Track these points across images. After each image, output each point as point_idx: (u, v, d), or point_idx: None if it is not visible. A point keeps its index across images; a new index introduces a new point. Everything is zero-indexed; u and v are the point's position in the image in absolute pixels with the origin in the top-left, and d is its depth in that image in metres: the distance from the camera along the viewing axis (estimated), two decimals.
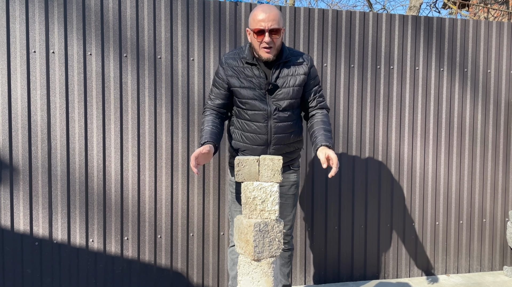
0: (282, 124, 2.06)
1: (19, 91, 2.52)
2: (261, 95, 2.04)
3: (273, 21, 1.92)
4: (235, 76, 2.05)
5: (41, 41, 2.53)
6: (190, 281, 2.78)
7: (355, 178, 2.97)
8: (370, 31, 2.95)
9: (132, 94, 2.65)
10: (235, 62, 2.07)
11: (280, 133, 2.07)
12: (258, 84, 2.03)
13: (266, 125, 2.05)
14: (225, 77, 2.07)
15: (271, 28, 1.92)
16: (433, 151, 3.08)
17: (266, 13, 1.92)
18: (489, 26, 3.14)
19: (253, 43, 2.01)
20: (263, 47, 1.96)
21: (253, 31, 1.96)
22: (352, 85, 2.94)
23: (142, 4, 2.64)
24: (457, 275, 3.16)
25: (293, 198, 2.24)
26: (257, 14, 1.93)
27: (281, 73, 2.04)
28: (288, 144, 2.12)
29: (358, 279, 3.02)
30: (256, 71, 2.04)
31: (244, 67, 2.05)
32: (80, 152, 2.60)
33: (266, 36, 1.92)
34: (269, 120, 2.05)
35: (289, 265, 2.40)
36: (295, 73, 2.06)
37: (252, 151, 2.10)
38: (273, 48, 1.97)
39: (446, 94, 3.08)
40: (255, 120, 2.06)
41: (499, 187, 3.20)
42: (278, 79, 2.04)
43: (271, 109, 2.04)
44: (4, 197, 2.53)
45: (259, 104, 2.04)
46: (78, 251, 2.63)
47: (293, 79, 2.05)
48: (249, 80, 2.04)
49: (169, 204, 2.73)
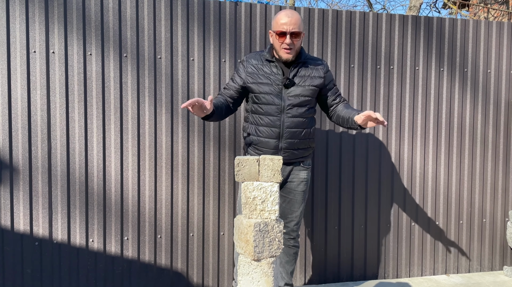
0: (294, 119, 2.19)
1: (19, 91, 2.52)
2: (277, 91, 2.18)
3: (294, 25, 2.09)
4: (254, 72, 2.20)
5: (41, 41, 2.53)
6: (190, 281, 2.78)
7: (355, 178, 2.97)
8: (370, 31, 2.95)
9: (132, 94, 2.65)
10: (255, 60, 2.22)
11: (292, 127, 2.19)
12: (275, 80, 2.18)
13: (279, 118, 2.18)
14: (244, 73, 2.22)
15: (292, 31, 2.08)
16: (433, 151, 3.08)
17: (289, 17, 2.09)
18: (489, 26, 3.14)
19: (275, 44, 2.16)
20: (284, 47, 2.11)
21: (275, 33, 2.12)
22: (352, 85, 2.94)
23: (142, 4, 2.64)
24: (457, 275, 3.16)
25: (302, 195, 2.33)
26: (281, 18, 2.11)
27: (298, 72, 2.20)
28: (300, 139, 2.23)
29: (358, 279, 3.03)
30: (274, 68, 2.19)
31: (264, 64, 2.20)
32: (80, 152, 2.60)
33: (287, 38, 2.08)
34: (282, 114, 2.18)
35: (293, 263, 2.44)
36: (312, 74, 2.22)
37: (265, 144, 2.21)
38: (293, 50, 2.13)
39: (446, 94, 3.08)
40: (268, 113, 2.19)
41: (499, 187, 3.20)
42: (295, 77, 2.19)
43: (285, 104, 2.18)
44: (4, 197, 2.53)
45: (274, 98, 2.17)
46: (78, 251, 2.63)
47: (310, 80, 2.21)
48: (267, 77, 2.18)
49: (169, 204, 2.73)
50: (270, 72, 2.18)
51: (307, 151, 2.29)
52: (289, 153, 2.21)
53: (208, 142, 2.75)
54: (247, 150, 2.32)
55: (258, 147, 2.24)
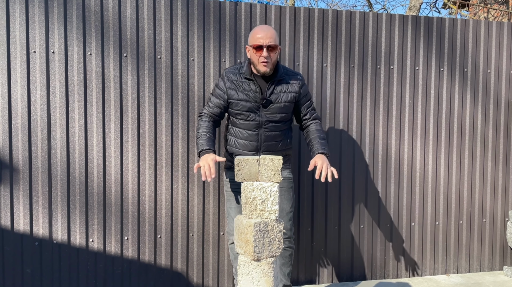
0: (271, 133, 2.30)
1: (19, 91, 2.52)
2: (255, 108, 2.26)
3: (270, 38, 2.16)
4: (233, 89, 2.26)
5: (41, 41, 2.53)
6: (190, 281, 2.78)
7: (355, 178, 2.97)
8: (370, 31, 2.95)
9: (132, 94, 2.65)
10: (234, 76, 2.28)
11: (269, 141, 2.30)
12: (253, 97, 2.25)
13: (257, 133, 2.28)
14: (225, 89, 2.27)
15: (268, 45, 2.15)
16: (433, 151, 3.08)
17: (265, 32, 2.16)
18: (489, 26, 3.14)
19: (252, 59, 2.23)
20: (261, 61, 2.18)
21: (252, 47, 2.19)
22: (352, 85, 2.94)
23: (142, 4, 2.64)
24: (457, 275, 3.16)
25: (289, 192, 2.39)
26: (257, 32, 2.18)
27: (275, 89, 2.27)
28: (276, 151, 2.33)
29: (358, 279, 3.03)
30: (252, 85, 2.25)
31: (242, 81, 2.26)
32: (80, 152, 2.60)
33: (264, 51, 2.15)
34: (260, 129, 2.28)
35: (289, 265, 2.46)
36: (287, 90, 2.29)
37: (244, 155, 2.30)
38: (270, 63, 2.19)
39: (446, 94, 3.08)
40: (247, 128, 2.28)
41: (499, 187, 3.20)
42: (272, 94, 2.26)
43: (263, 120, 2.27)
44: (4, 197, 2.53)
45: (253, 115, 2.26)
46: (78, 251, 2.63)
47: (285, 96, 2.28)
48: (246, 94, 2.25)
49: (169, 204, 2.73)
50: (248, 89, 2.25)
51: (283, 159, 2.38)
52: None
53: None
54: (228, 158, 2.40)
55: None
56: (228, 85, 2.26)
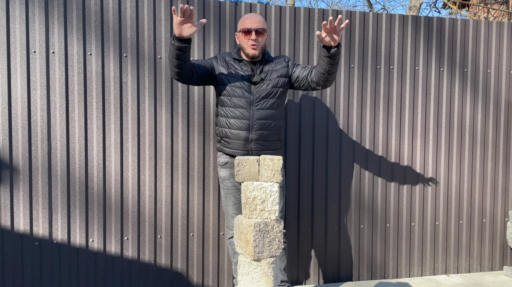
0: (264, 111, 2.30)
1: (19, 91, 2.52)
2: (246, 86, 2.30)
3: (258, 23, 2.26)
4: (225, 66, 2.33)
5: (41, 41, 2.53)
6: (190, 281, 2.78)
7: (355, 178, 2.97)
8: (370, 31, 2.95)
9: (132, 94, 2.65)
10: (228, 58, 2.37)
11: (262, 119, 2.30)
12: (244, 76, 2.31)
13: (249, 110, 2.29)
14: (215, 64, 2.34)
15: (257, 28, 2.25)
16: (433, 151, 3.08)
17: (253, 17, 2.28)
18: (489, 26, 3.14)
19: (242, 43, 2.31)
20: (250, 44, 2.26)
21: (241, 31, 2.28)
22: (352, 85, 2.94)
23: (142, 4, 2.64)
24: (457, 275, 3.16)
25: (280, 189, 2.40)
26: (246, 18, 2.29)
27: (263, 68, 2.34)
28: (269, 131, 2.33)
29: (358, 279, 3.02)
30: (243, 66, 2.34)
31: (234, 61, 2.35)
32: (80, 152, 2.60)
33: (252, 34, 2.24)
34: (252, 107, 2.29)
35: (284, 259, 2.54)
36: (275, 68, 2.35)
37: (235, 136, 2.30)
38: (258, 46, 2.28)
39: (446, 94, 3.08)
40: (239, 106, 2.29)
41: (499, 187, 3.20)
42: (262, 73, 2.33)
43: (254, 98, 2.29)
44: (4, 197, 2.53)
45: (244, 92, 2.29)
46: (78, 251, 2.63)
47: (275, 73, 2.34)
48: (237, 72, 2.32)
49: (169, 204, 2.73)
50: (239, 68, 2.33)
51: (276, 143, 2.38)
52: (259, 144, 2.31)
53: (208, 142, 2.75)
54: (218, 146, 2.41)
55: (228, 140, 2.32)
56: (219, 63, 2.34)
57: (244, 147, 2.29)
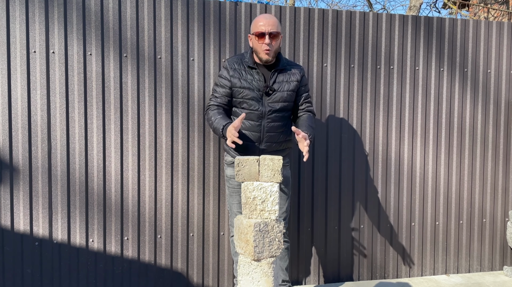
0: (274, 124, 2.28)
1: (19, 91, 2.52)
2: (258, 97, 2.25)
3: (272, 26, 2.19)
4: (237, 77, 2.26)
5: (41, 41, 2.53)
6: (190, 281, 2.78)
7: (355, 178, 2.97)
8: (370, 31, 2.95)
9: (132, 94, 2.65)
10: (237, 65, 2.28)
11: (272, 132, 2.29)
12: (257, 86, 2.25)
13: (259, 123, 2.27)
14: (229, 77, 2.27)
15: (271, 32, 2.18)
16: (433, 151, 3.08)
17: (267, 19, 2.20)
18: (489, 26, 3.14)
19: (255, 46, 2.25)
20: (264, 49, 2.19)
21: (255, 35, 2.21)
22: (352, 85, 2.94)
23: (142, 4, 2.64)
24: (457, 275, 3.16)
25: (285, 190, 2.42)
26: (259, 20, 2.21)
27: (277, 78, 2.28)
28: (278, 142, 2.33)
29: (358, 279, 3.03)
30: (256, 75, 2.26)
31: (246, 70, 2.27)
32: (80, 152, 2.60)
33: (266, 38, 2.18)
34: (263, 120, 2.27)
35: (287, 259, 2.54)
36: (289, 79, 2.30)
37: (245, 147, 2.30)
38: (272, 51, 2.21)
39: (446, 94, 3.08)
40: (250, 119, 2.27)
41: (499, 187, 3.20)
42: (275, 83, 2.27)
43: (266, 110, 2.26)
44: (4, 197, 2.53)
45: (256, 104, 2.25)
46: (78, 251, 2.63)
47: (288, 85, 2.29)
48: (249, 82, 2.25)
49: (169, 204, 2.73)
50: (252, 77, 2.25)
51: (284, 151, 2.40)
52: (268, 153, 2.33)
53: (208, 142, 2.75)
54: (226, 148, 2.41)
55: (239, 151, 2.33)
56: (231, 73, 2.26)
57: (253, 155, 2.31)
